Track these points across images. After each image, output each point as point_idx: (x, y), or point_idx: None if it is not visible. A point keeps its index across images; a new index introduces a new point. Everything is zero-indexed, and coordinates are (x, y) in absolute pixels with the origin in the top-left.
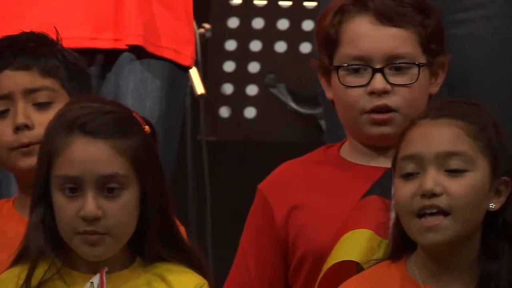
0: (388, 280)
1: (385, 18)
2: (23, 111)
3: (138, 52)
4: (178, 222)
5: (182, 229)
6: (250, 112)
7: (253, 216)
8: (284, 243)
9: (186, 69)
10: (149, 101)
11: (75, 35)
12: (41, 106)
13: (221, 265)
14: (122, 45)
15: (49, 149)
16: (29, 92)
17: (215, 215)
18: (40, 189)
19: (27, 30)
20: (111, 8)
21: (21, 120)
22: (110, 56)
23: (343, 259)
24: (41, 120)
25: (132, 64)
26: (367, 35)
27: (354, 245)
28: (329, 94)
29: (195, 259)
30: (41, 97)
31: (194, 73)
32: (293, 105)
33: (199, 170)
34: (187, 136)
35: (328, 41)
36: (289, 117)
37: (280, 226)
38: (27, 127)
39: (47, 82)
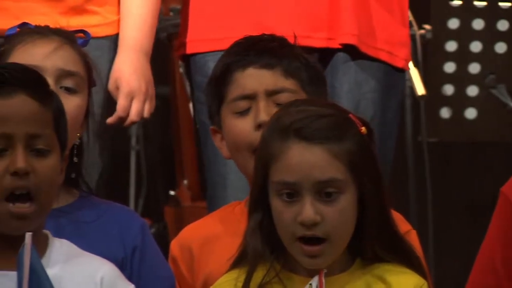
0: None
1: None
2: (265, 110)
3: (352, 52)
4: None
5: (414, 233)
6: (470, 113)
7: (498, 219)
8: None
9: (400, 71)
10: (363, 102)
11: (290, 33)
12: None
13: (443, 269)
14: (335, 44)
15: (266, 154)
16: (271, 93)
17: (437, 216)
18: (257, 193)
19: (243, 30)
20: (326, 7)
21: (263, 118)
22: (324, 56)
23: None
24: None
25: (347, 65)
26: None
27: None
28: None
29: (415, 259)
30: (283, 98)
31: (415, 74)
32: None
33: (420, 172)
34: (407, 137)
35: None
36: (510, 117)
37: None
38: None
39: (289, 83)
